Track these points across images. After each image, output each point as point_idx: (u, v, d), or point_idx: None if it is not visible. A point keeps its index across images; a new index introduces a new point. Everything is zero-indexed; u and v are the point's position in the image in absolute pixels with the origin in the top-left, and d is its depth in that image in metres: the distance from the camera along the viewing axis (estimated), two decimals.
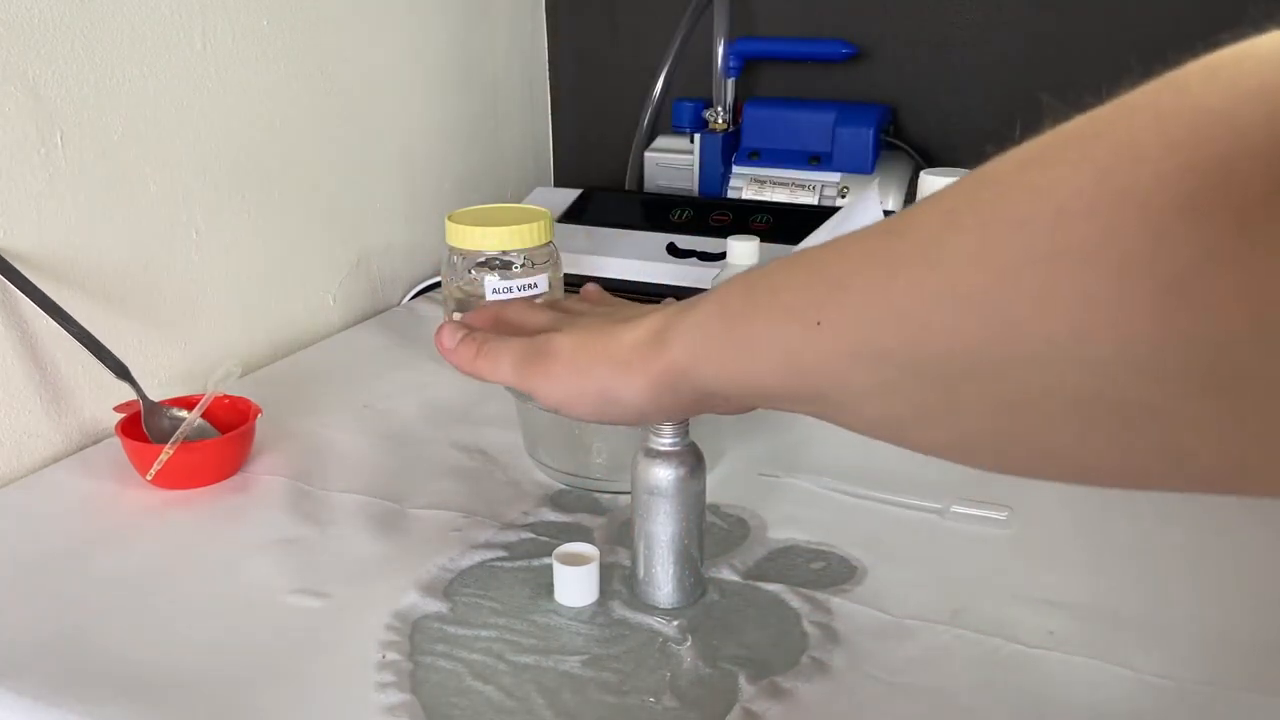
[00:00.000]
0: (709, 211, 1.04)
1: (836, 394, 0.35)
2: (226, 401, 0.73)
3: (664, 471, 0.53)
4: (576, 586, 0.56)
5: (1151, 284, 0.24)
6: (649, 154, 1.18)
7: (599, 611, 0.56)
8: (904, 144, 1.12)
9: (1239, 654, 0.52)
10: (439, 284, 0.95)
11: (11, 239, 0.71)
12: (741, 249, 0.82)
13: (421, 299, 1.08)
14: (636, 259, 0.99)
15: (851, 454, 0.73)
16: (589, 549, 0.57)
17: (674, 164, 1.17)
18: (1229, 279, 0.23)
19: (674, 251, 0.99)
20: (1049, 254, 0.26)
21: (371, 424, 0.79)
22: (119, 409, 0.71)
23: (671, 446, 0.53)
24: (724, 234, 0.96)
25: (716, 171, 1.14)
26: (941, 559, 0.60)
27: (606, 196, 1.12)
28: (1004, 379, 0.29)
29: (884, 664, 0.51)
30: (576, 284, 0.99)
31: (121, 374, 0.72)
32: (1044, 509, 0.65)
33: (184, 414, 0.72)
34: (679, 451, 0.53)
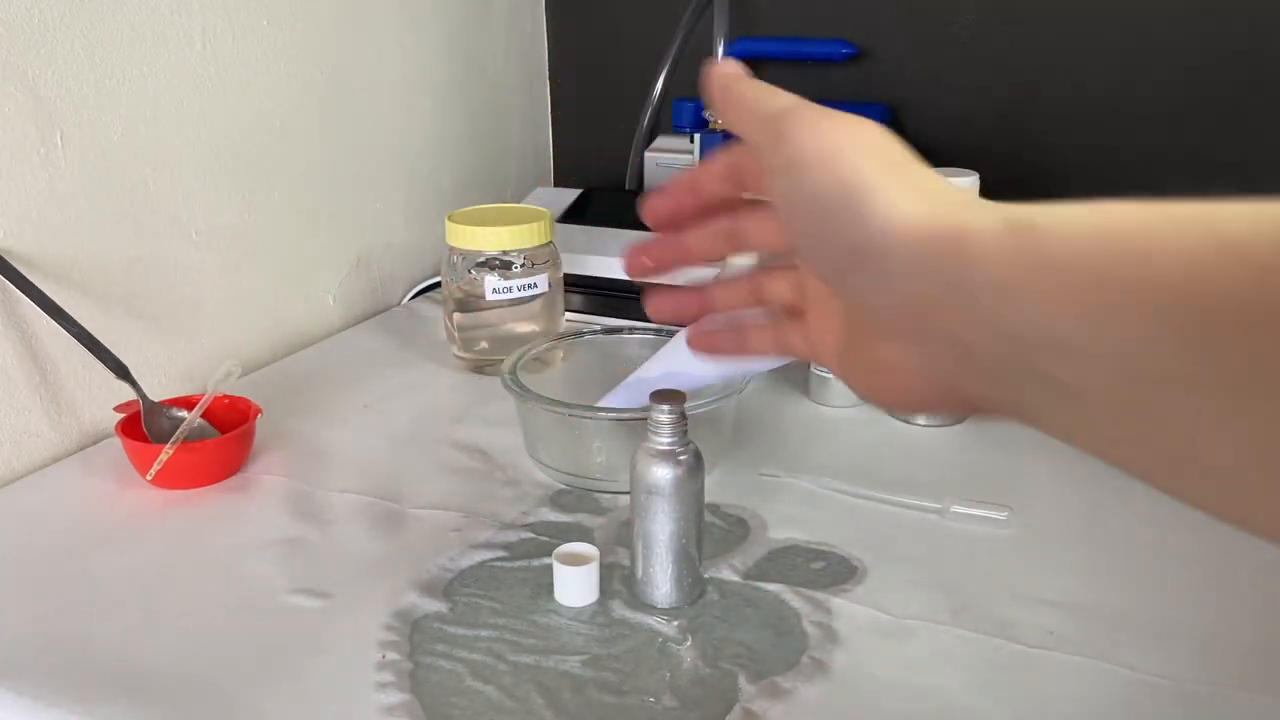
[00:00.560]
0: None
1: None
2: (226, 401, 0.73)
3: (663, 471, 0.53)
4: (576, 586, 0.56)
5: None
6: (649, 154, 1.18)
7: (599, 611, 0.55)
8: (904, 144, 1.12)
9: (1239, 654, 0.52)
10: (439, 284, 0.95)
11: (11, 239, 0.71)
12: None
13: (421, 299, 1.08)
14: None
15: (851, 454, 0.73)
16: (589, 549, 0.57)
17: (674, 164, 1.17)
18: None
19: None
20: None
21: (371, 424, 0.79)
22: (119, 409, 0.71)
23: (671, 446, 0.53)
24: None
25: None
26: (941, 559, 0.60)
27: (606, 196, 1.11)
28: None
29: (884, 664, 0.51)
30: (577, 284, 1.00)
31: (121, 374, 0.72)
32: (1044, 509, 0.65)
33: (184, 414, 0.72)
34: (678, 451, 0.53)
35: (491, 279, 0.85)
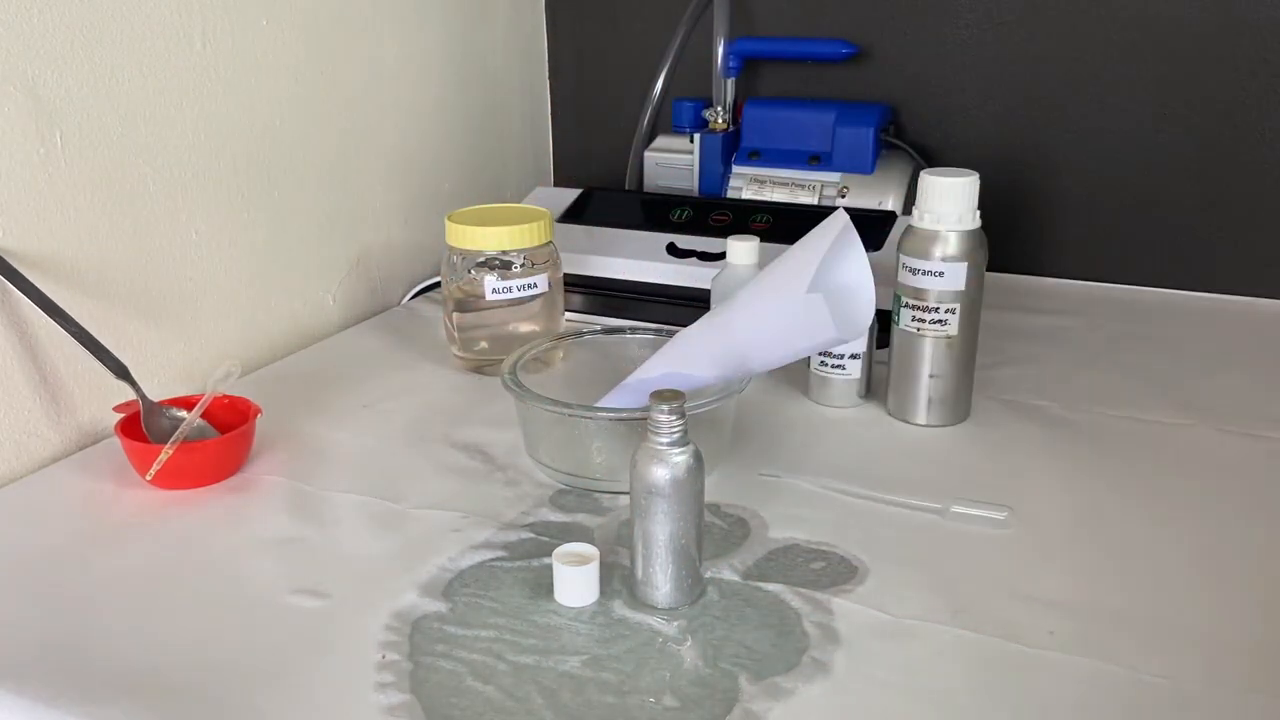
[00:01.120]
0: (709, 211, 1.04)
1: None
2: (226, 401, 0.73)
3: (663, 471, 0.53)
4: (576, 586, 0.56)
5: None
6: (649, 154, 1.18)
7: (599, 611, 0.56)
8: (904, 144, 1.12)
9: (1239, 654, 0.52)
10: (439, 284, 0.95)
11: (11, 239, 0.71)
12: (741, 249, 0.82)
13: (421, 299, 1.08)
14: (636, 259, 0.99)
15: (851, 454, 0.73)
16: (589, 549, 0.57)
17: (674, 164, 1.17)
18: None
19: (674, 251, 0.99)
20: None
21: (371, 424, 0.79)
22: (119, 409, 0.71)
23: (671, 446, 0.53)
24: (724, 234, 0.96)
25: (716, 171, 1.14)
26: (941, 559, 0.60)
27: (606, 196, 1.11)
28: None
29: (884, 664, 0.51)
30: (577, 284, 1.00)
31: (121, 374, 0.72)
32: (1044, 509, 0.65)
33: (184, 414, 0.72)
34: (678, 451, 0.53)
35: (491, 279, 0.85)
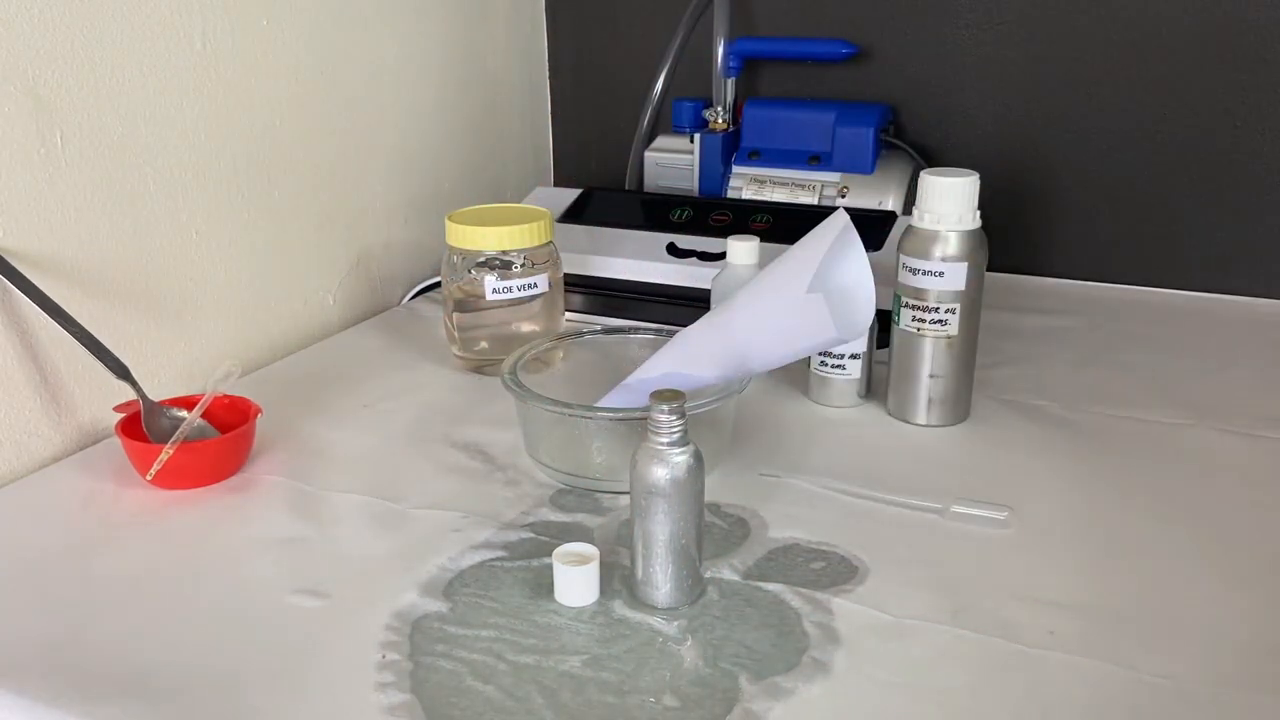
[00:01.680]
0: (709, 211, 1.04)
1: None
2: (226, 401, 0.73)
3: (663, 471, 0.53)
4: (576, 586, 0.56)
5: None
6: (649, 154, 1.18)
7: (599, 611, 0.56)
8: (904, 144, 1.12)
9: (1239, 654, 0.52)
10: (439, 284, 0.95)
11: (11, 239, 0.71)
12: (741, 249, 0.82)
13: (421, 299, 1.08)
14: (636, 259, 0.99)
15: (851, 454, 0.73)
16: (589, 549, 0.57)
17: (674, 164, 1.17)
18: None
19: (674, 251, 0.99)
20: None
21: (371, 424, 0.79)
22: (119, 409, 0.71)
23: (671, 446, 0.53)
24: (724, 234, 0.96)
25: (716, 171, 1.14)
26: (941, 559, 0.60)
27: (606, 196, 1.11)
28: None
29: (884, 664, 0.51)
30: (577, 284, 1.00)
31: (121, 374, 0.72)
32: (1044, 509, 0.65)
33: (184, 414, 0.72)
34: (678, 451, 0.53)
35: (491, 279, 0.85)
